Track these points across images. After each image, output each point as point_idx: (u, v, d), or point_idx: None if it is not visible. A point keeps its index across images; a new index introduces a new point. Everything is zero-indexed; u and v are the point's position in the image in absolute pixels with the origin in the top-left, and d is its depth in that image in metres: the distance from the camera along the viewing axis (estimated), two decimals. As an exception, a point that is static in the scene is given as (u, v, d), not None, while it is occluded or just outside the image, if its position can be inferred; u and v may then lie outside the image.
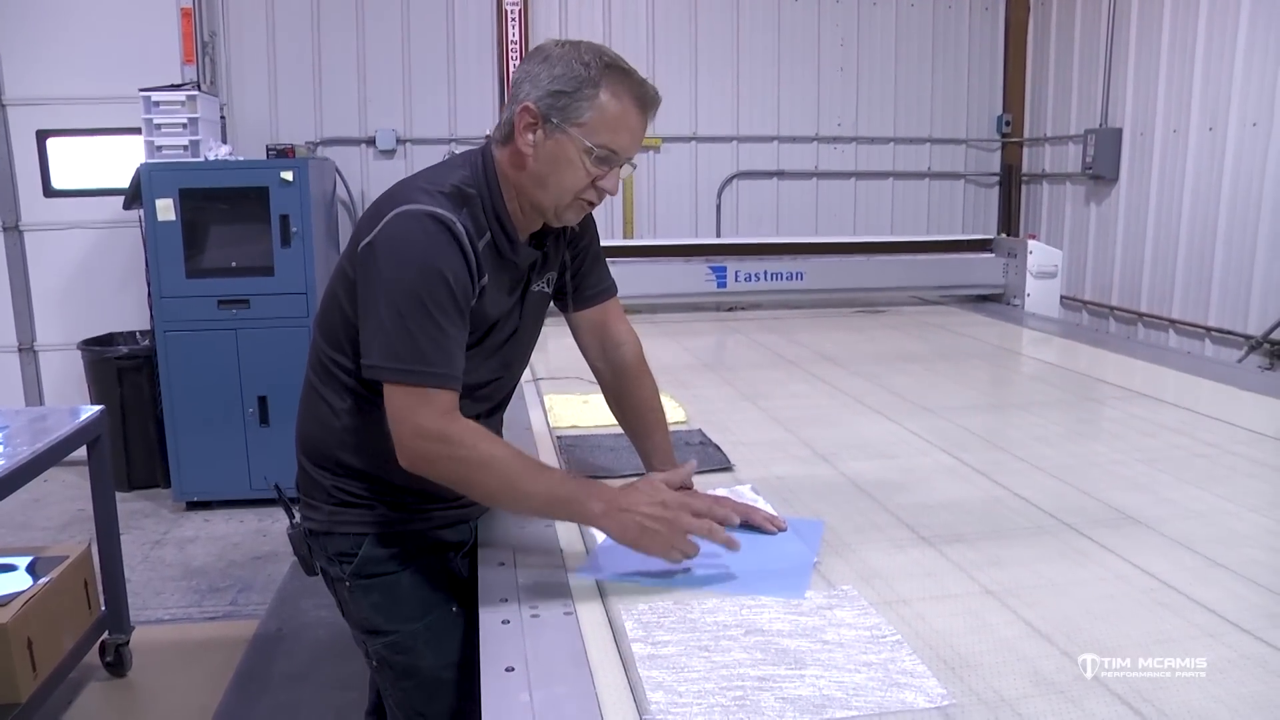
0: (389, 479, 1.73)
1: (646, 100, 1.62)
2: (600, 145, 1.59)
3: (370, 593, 1.78)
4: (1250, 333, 4.79)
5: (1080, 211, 6.21)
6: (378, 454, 1.68)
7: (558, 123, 1.59)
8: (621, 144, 1.62)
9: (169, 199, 4.85)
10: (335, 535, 1.78)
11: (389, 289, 1.54)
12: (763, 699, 1.19)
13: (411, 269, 1.53)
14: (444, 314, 1.55)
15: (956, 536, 1.75)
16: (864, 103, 6.64)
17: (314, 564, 1.85)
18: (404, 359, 1.53)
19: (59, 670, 3.13)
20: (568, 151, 1.60)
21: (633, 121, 1.62)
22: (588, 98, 1.57)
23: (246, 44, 5.90)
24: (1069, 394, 3.07)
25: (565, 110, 1.58)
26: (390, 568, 1.78)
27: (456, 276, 1.56)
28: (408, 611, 1.79)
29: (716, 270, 4.51)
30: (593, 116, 1.58)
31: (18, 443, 2.93)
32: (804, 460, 2.26)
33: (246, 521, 5.06)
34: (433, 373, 1.54)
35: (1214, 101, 4.99)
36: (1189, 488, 2.02)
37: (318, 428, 1.78)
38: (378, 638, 1.81)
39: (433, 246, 1.55)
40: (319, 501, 1.79)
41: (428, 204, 1.58)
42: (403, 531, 1.79)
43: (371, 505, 1.77)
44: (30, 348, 5.92)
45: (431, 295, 1.53)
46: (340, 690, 3.35)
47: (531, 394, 2.87)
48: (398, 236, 1.56)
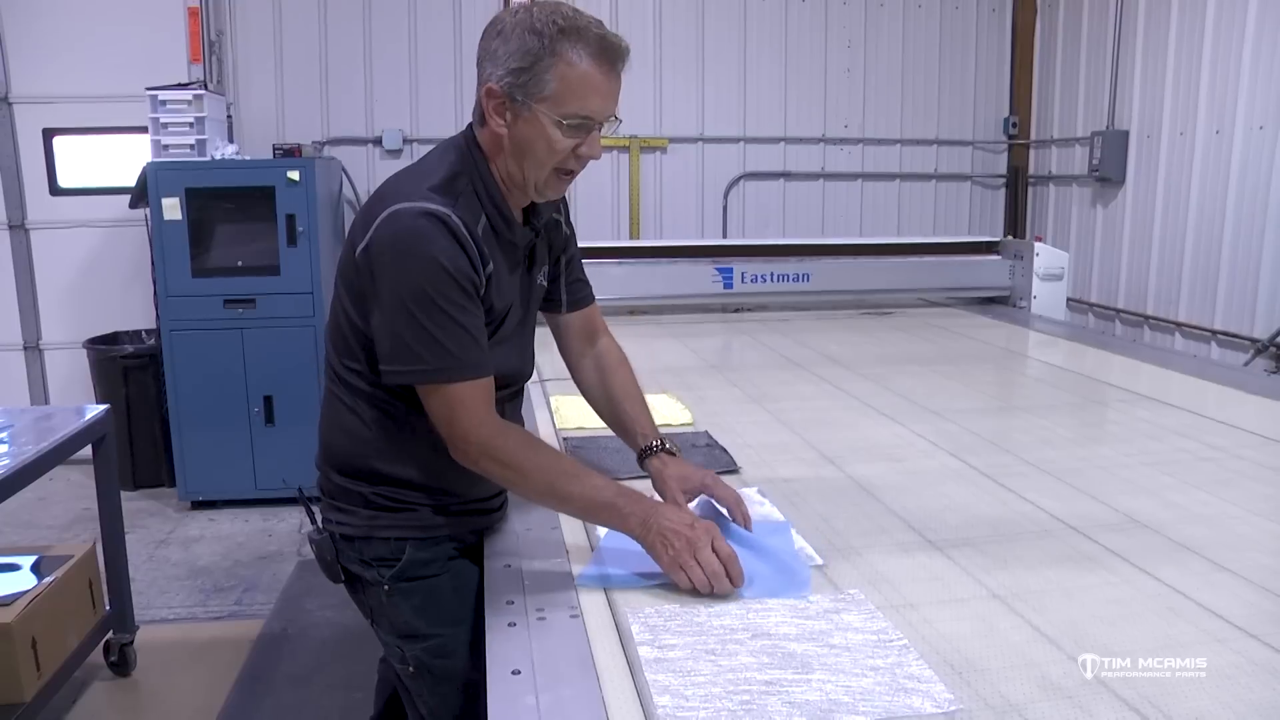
0: (428, 482, 1.71)
1: (610, 54, 1.55)
2: (570, 115, 1.55)
3: (412, 596, 1.76)
4: (1256, 336, 4.77)
5: (1087, 214, 6.19)
6: (415, 458, 1.68)
7: (523, 100, 1.54)
8: (593, 108, 1.56)
9: (175, 198, 4.85)
10: (374, 540, 1.74)
11: (395, 292, 1.53)
12: (769, 703, 1.19)
13: (413, 269, 1.52)
14: (455, 306, 1.53)
15: (963, 540, 1.75)
16: (871, 104, 6.63)
17: (339, 569, 1.81)
18: (426, 359, 1.53)
19: (63, 670, 3.12)
20: (540, 127, 1.56)
21: (598, 82, 1.55)
22: (547, 69, 1.52)
23: (253, 43, 5.91)
24: (1075, 397, 3.07)
25: (527, 86, 1.53)
26: (433, 570, 1.76)
27: (459, 267, 1.54)
28: (449, 614, 1.77)
29: (723, 271, 4.51)
30: (556, 87, 1.53)
31: (23, 441, 2.93)
32: (810, 463, 2.25)
33: (252, 521, 5.06)
34: (459, 366, 1.54)
35: (1221, 104, 4.98)
36: (1195, 492, 2.01)
37: (345, 438, 1.75)
38: (417, 642, 1.78)
39: (429, 242, 1.52)
40: (355, 506, 1.75)
41: (419, 200, 1.55)
42: (444, 535, 1.76)
43: (414, 509, 1.74)
44: (36, 346, 5.93)
45: (439, 290, 1.52)
46: (345, 690, 3.35)
47: (538, 395, 2.86)
48: (392, 238, 1.54)
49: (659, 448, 1.83)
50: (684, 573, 1.49)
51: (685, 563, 1.49)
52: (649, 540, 1.53)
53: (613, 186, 6.39)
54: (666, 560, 1.51)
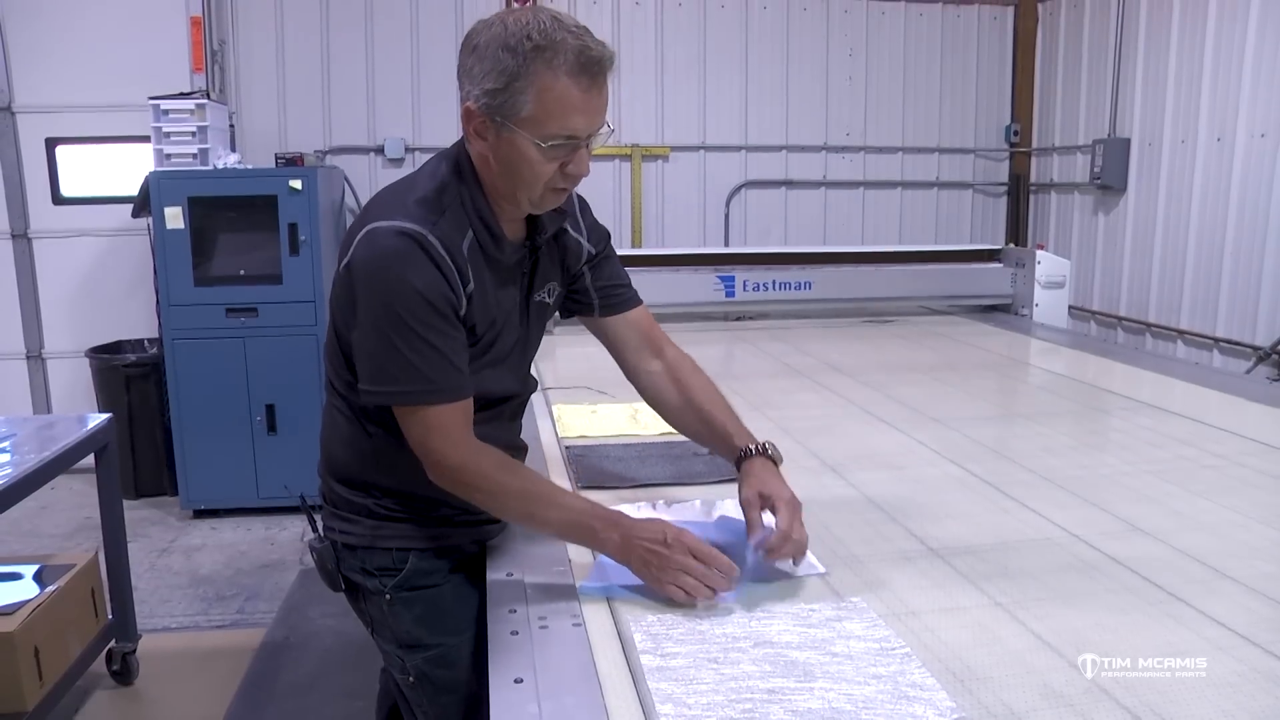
0: (429, 493, 1.69)
1: (590, 68, 1.46)
2: (551, 136, 1.48)
3: (414, 605, 1.75)
4: (1259, 344, 4.77)
5: (1088, 221, 6.20)
6: (415, 469, 1.66)
7: (502, 121, 1.49)
8: (575, 126, 1.49)
9: (178, 207, 4.87)
10: (377, 550, 1.74)
11: (370, 313, 1.52)
12: (772, 711, 1.19)
13: (386, 290, 1.50)
14: (429, 329, 1.51)
15: (965, 548, 1.75)
16: (872, 112, 6.64)
17: (340, 579, 1.80)
18: (400, 380, 1.52)
19: (65, 678, 3.12)
20: (522, 148, 1.50)
21: (578, 99, 1.47)
22: (522, 90, 1.45)
23: (255, 52, 5.93)
24: (1077, 405, 3.07)
25: (504, 108, 1.47)
26: (435, 580, 1.76)
27: (432, 287, 1.50)
28: (452, 624, 1.77)
29: (725, 280, 4.51)
30: (533, 108, 1.46)
31: (25, 450, 2.93)
32: (812, 471, 2.25)
33: (254, 530, 5.06)
34: (433, 390, 1.52)
35: (1222, 112, 4.99)
36: (1197, 499, 2.01)
37: (346, 451, 1.75)
38: (418, 652, 1.77)
39: (404, 264, 1.49)
40: (359, 516, 1.74)
41: (398, 219, 1.52)
42: (446, 545, 1.76)
43: (417, 519, 1.74)
44: (38, 355, 5.93)
45: (412, 313, 1.49)
46: (347, 699, 3.35)
47: (540, 404, 2.86)
48: (367, 259, 1.52)
49: (759, 451, 1.74)
50: (674, 588, 1.47)
51: (670, 578, 1.48)
52: (630, 562, 1.52)
53: (614, 194, 6.40)
54: (652, 579, 1.50)
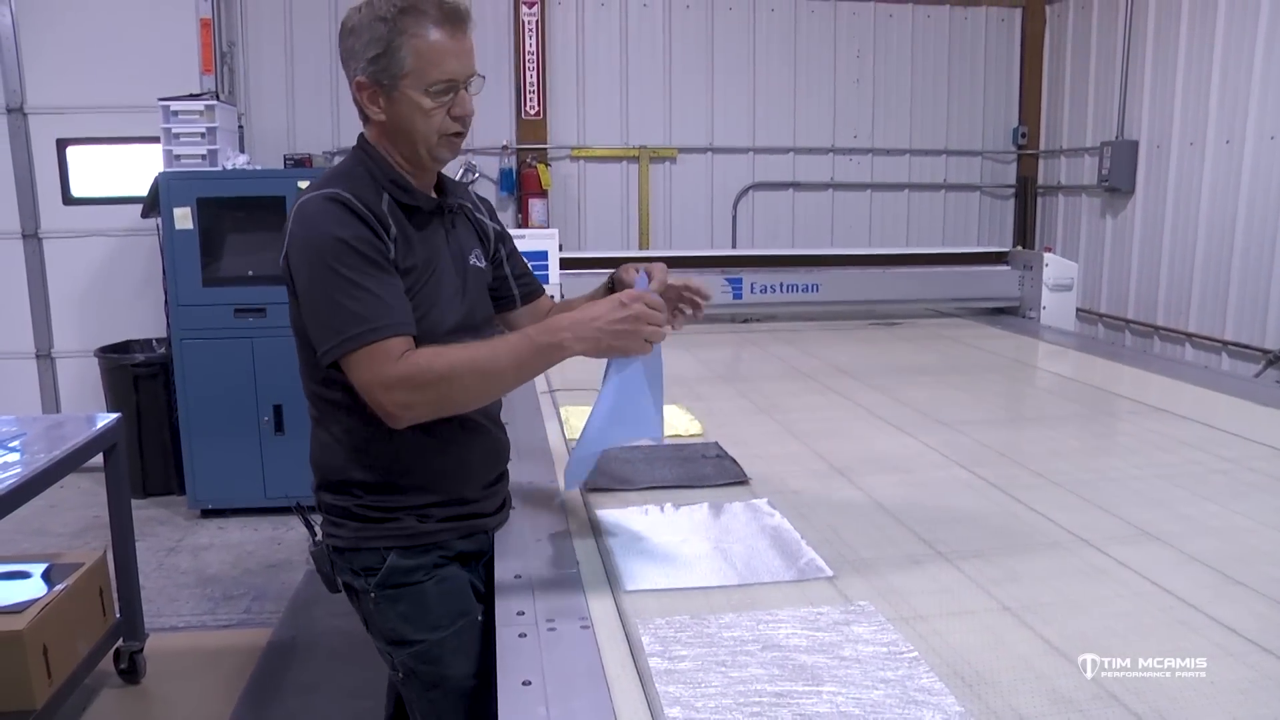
0: (409, 483, 1.77)
1: (452, 17, 1.66)
2: (434, 82, 1.66)
3: (397, 603, 1.80)
4: (1268, 347, 4.76)
5: (1096, 224, 6.19)
6: (389, 461, 1.74)
7: (389, 83, 1.66)
8: (451, 70, 1.67)
9: (187, 208, 4.88)
10: (362, 551, 1.80)
11: (309, 276, 1.63)
12: (780, 715, 1.19)
13: (319, 248, 1.61)
14: (362, 274, 1.60)
15: (973, 552, 1.75)
16: (880, 114, 6.64)
17: (337, 580, 1.86)
18: (343, 329, 1.59)
19: (74, 677, 3.14)
20: (412, 102, 1.67)
21: (449, 45, 1.66)
22: (399, 47, 1.63)
23: (265, 54, 5.95)
24: (1085, 408, 3.06)
25: (389, 69, 1.65)
26: (415, 578, 1.79)
27: (359, 236, 1.62)
28: (434, 620, 1.80)
29: (732, 282, 4.51)
30: (413, 61, 1.64)
31: (35, 449, 2.95)
32: (820, 474, 2.25)
33: (261, 530, 5.07)
34: (374, 328, 1.58)
35: (1231, 114, 4.97)
36: (1206, 504, 2.01)
37: (324, 454, 1.81)
38: (404, 648, 1.81)
39: (329, 221, 1.62)
40: (344, 519, 1.80)
41: (317, 192, 1.67)
42: (426, 543, 1.80)
43: (397, 518, 1.78)
44: (48, 354, 5.96)
45: (342, 261, 1.60)
46: (354, 699, 3.36)
47: (547, 406, 2.87)
48: (296, 228, 1.66)
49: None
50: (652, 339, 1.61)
51: (646, 334, 1.60)
52: (604, 346, 1.60)
53: (622, 196, 6.41)
54: (634, 344, 1.60)
